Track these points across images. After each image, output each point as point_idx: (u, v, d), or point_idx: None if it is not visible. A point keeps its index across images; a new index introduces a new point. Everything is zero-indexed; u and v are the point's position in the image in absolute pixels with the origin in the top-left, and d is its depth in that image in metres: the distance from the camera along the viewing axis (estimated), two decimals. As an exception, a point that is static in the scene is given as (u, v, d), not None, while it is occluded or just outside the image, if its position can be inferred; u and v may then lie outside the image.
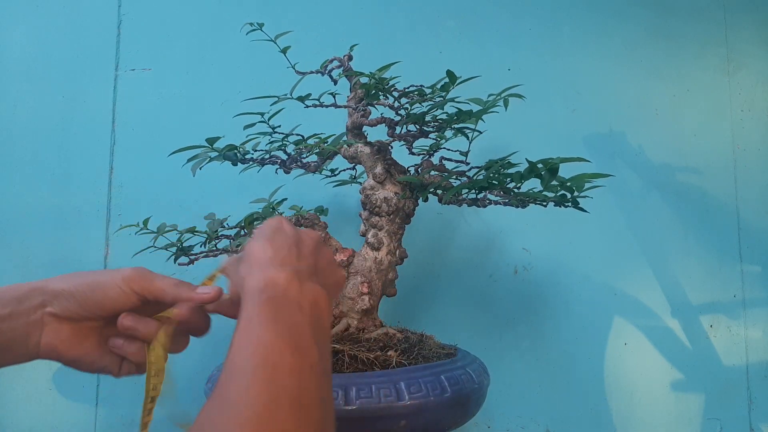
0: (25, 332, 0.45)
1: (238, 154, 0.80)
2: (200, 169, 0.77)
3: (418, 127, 0.76)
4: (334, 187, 0.94)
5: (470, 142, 0.75)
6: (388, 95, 0.74)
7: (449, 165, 0.81)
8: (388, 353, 0.69)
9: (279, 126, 0.83)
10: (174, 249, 0.79)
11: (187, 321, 0.48)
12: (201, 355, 1.02)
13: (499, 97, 0.68)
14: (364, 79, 0.76)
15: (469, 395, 0.67)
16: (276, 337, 0.38)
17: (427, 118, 0.75)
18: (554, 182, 0.65)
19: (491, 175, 0.70)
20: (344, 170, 0.93)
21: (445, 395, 0.64)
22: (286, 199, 0.84)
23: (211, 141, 0.76)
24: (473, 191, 0.74)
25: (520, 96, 0.68)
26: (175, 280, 0.49)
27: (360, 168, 0.88)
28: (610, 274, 1.19)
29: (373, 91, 0.74)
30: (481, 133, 0.73)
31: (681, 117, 1.27)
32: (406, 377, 0.63)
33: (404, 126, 0.77)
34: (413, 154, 0.84)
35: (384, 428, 0.61)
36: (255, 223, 0.78)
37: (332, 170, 0.92)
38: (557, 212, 0.79)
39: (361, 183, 0.83)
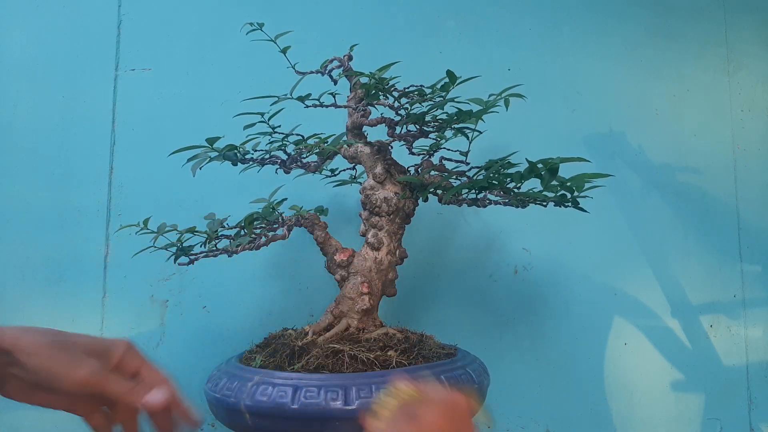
0: None
1: (238, 154, 0.80)
2: (200, 169, 0.77)
3: (418, 127, 0.76)
4: (334, 187, 0.94)
5: (470, 142, 0.75)
6: (388, 95, 0.74)
7: (449, 165, 0.81)
8: (388, 353, 0.69)
9: (279, 126, 0.83)
10: (174, 249, 0.79)
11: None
12: (201, 355, 1.02)
13: (499, 97, 0.68)
14: (364, 79, 0.76)
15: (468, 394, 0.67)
16: None
17: (427, 118, 0.75)
18: (554, 182, 0.65)
19: (491, 175, 0.70)
20: (344, 170, 0.93)
21: None
22: (286, 199, 0.84)
23: (211, 141, 0.76)
24: (473, 191, 0.74)
25: (520, 96, 0.68)
26: (130, 386, 0.48)
27: (360, 168, 0.88)
28: (610, 274, 1.19)
29: (373, 91, 0.74)
30: (481, 133, 0.73)
31: (681, 117, 1.27)
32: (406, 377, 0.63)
33: (404, 126, 0.77)
34: (413, 154, 0.84)
35: None
36: (255, 223, 0.78)
37: (332, 170, 0.92)
38: (557, 212, 0.79)
39: (361, 183, 0.83)
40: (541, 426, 1.13)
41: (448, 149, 0.81)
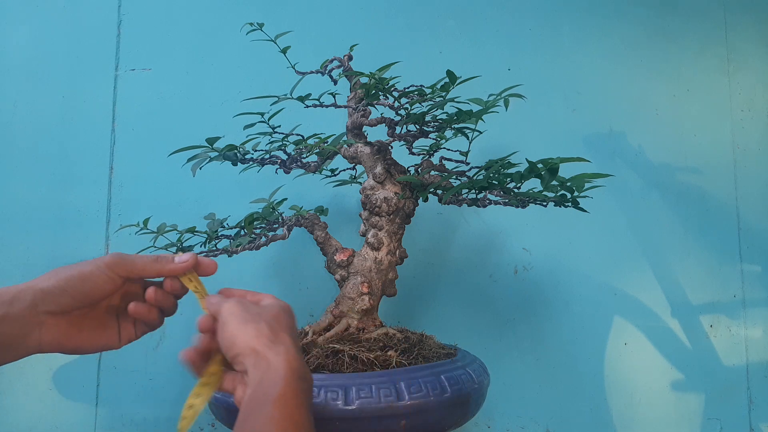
0: (21, 332, 0.48)
1: (238, 154, 0.80)
2: (200, 169, 0.77)
3: (418, 127, 0.76)
4: (334, 187, 0.94)
5: (470, 142, 0.75)
6: (388, 95, 0.74)
7: (449, 165, 0.81)
8: (388, 353, 0.69)
9: (279, 126, 0.83)
10: (174, 249, 0.79)
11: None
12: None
13: (499, 97, 0.68)
14: (363, 79, 0.76)
15: (469, 395, 0.67)
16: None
17: (427, 118, 0.75)
18: (554, 182, 0.65)
19: (491, 175, 0.70)
20: (344, 170, 0.93)
21: (445, 395, 0.64)
22: (286, 199, 0.84)
23: (211, 141, 0.76)
24: (473, 191, 0.74)
25: (520, 96, 0.68)
26: (152, 256, 0.53)
27: (360, 168, 0.88)
28: (610, 274, 1.19)
29: (373, 91, 0.74)
30: (481, 133, 0.73)
31: (681, 117, 1.27)
32: (406, 377, 0.63)
33: (404, 126, 0.77)
34: (413, 154, 0.84)
35: (384, 428, 0.61)
36: (255, 223, 0.78)
37: (332, 170, 0.92)
38: (557, 212, 0.79)
39: (361, 183, 0.83)
40: (541, 426, 1.13)
41: (448, 149, 0.81)
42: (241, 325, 0.47)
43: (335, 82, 0.80)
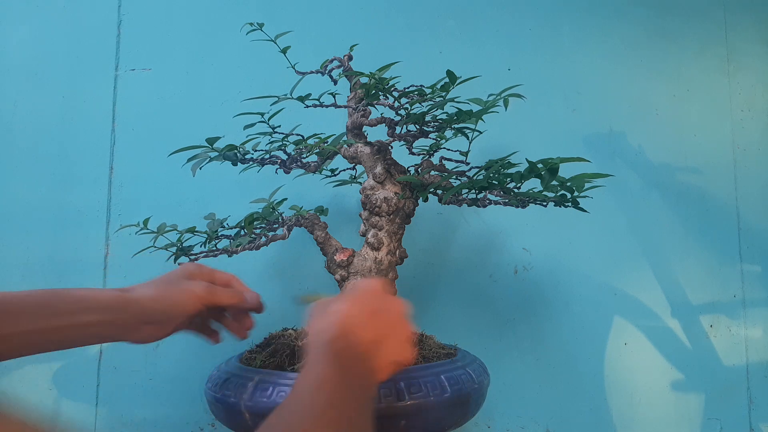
0: (122, 334, 0.56)
1: (238, 154, 0.80)
2: (200, 169, 0.77)
3: (418, 127, 0.76)
4: (334, 187, 0.94)
5: (470, 143, 0.75)
6: (388, 95, 0.74)
7: (449, 165, 0.81)
8: (389, 353, 0.69)
9: (279, 126, 0.83)
10: (174, 249, 0.79)
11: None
12: (201, 355, 1.02)
13: (498, 97, 0.68)
14: (363, 79, 0.76)
15: (469, 395, 0.67)
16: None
17: (427, 118, 0.75)
18: (554, 182, 0.65)
19: (491, 175, 0.70)
20: (344, 170, 0.93)
21: (445, 395, 0.64)
22: (286, 199, 0.84)
23: (211, 141, 0.76)
24: (473, 191, 0.74)
25: (519, 96, 0.68)
26: (233, 291, 0.63)
27: (360, 168, 0.88)
28: (610, 274, 1.19)
29: (373, 91, 0.74)
30: (481, 133, 0.73)
31: (681, 117, 1.27)
32: (406, 377, 0.63)
33: (404, 126, 0.77)
34: (413, 154, 0.84)
35: (384, 428, 0.61)
36: (255, 223, 0.78)
37: (332, 170, 0.92)
38: (557, 212, 0.79)
39: (361, 183, 0.83)
40: (541, 426, 1.13)
41: (448, 149, 0.81)
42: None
43: (335, 82, 0.81)
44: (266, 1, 1.16)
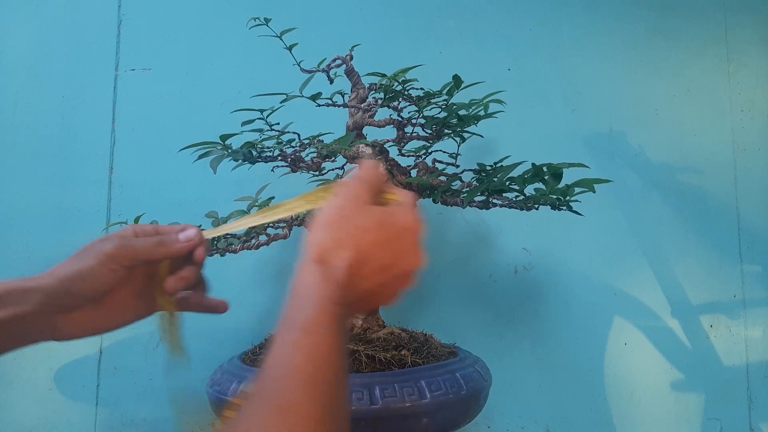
0: (35, 329, 0.45)
1: (255, 152, 0.80)
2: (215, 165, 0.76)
3: (433, 129, 0.76)
4: (334, 187, 0.94)
5: (458, 145, 0.76)
6: (400, 99, 0.74)
7: (440, 165, 0.81)
8: (402, 352, 0.70)
9: (277, 123, 0.83)
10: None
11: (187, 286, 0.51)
12: (202, 355, 1.02)
13: (496, 101, 0.68)
14: (372, 79, 0.76)
15: (480, 392, 0.69)
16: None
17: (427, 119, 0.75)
18: (558, 186, 0.66)
19: (504, 181, 0.70)
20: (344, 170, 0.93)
21: (461, 392, 0.65)
22: (273, 197, 0.83)
23: (225, 138, 0.75)
24: (482, 195, 0.74)
25: (500, 101, 0.67)
26: (155, 239, 0.49)
27: (360, 168, 0.88)
28: (610, 274, 1.19)
29: (392, 93, 0.74)
30: (482, 137, 0.73)
31: (681, 117, 1.27)
32: (427, 376, 0.65)
33: (413, 128, 0.77)
34: (402, 155, 0.84)
35: (407, 427, 0.62)
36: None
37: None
38: (557, 212, 0.79)
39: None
40: (541, 426, 1.13)
41: (442, 151, 0.81)
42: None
43: (331, 81, 0.80)
44: (266, 2, 1.16)
